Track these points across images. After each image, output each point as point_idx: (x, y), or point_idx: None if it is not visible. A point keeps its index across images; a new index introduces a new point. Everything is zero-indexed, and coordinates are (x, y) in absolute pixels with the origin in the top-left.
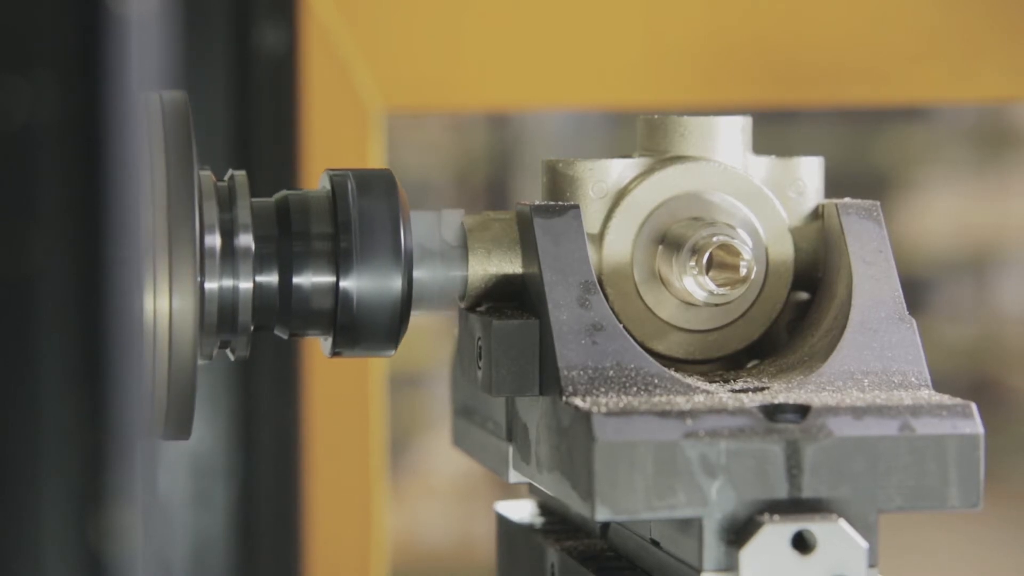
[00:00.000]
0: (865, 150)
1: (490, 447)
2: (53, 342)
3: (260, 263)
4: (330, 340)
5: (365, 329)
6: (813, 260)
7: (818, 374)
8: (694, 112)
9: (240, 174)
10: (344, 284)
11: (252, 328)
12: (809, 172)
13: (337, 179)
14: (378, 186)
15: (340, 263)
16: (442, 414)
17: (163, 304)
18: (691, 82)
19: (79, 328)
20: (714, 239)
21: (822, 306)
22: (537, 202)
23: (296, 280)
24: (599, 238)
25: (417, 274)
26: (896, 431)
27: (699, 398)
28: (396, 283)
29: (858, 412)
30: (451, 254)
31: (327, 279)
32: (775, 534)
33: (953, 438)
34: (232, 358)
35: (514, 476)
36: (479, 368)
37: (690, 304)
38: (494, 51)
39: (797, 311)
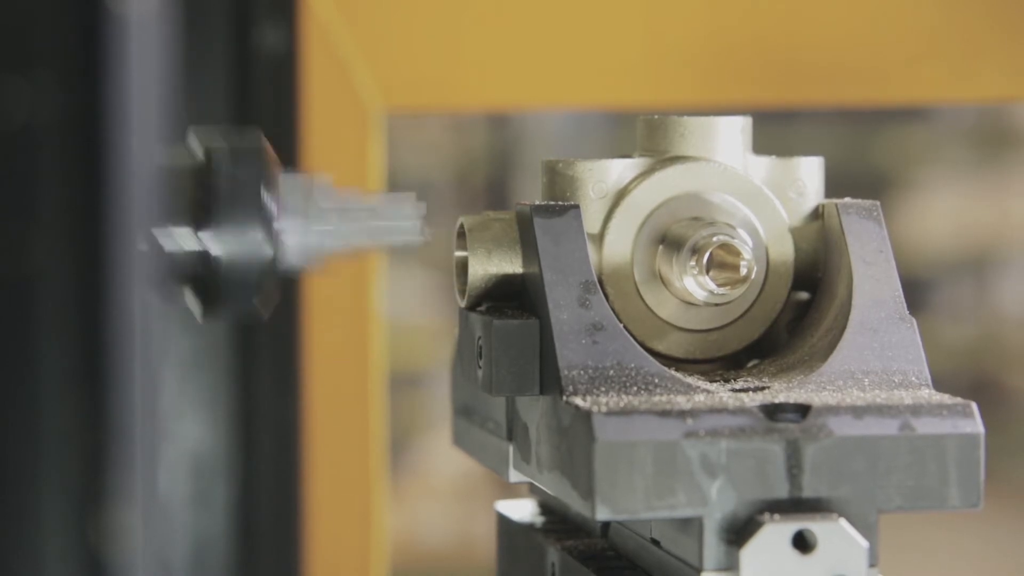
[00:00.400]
0: (865, 150)
1: (490, 447)
2: (53, 342)
3: None
4: (198, 301)
5: (231, 289)
6: (813, 260)
7: (818, 374)
8: (694, 112)
9: None
10: (208, 243)
11: None
12: (809, 172)
13: (206, 141)
14: (246, 147)
15: (204, 223)
16: (442, 414)
17: None
18: (691, 82)
19: (79, 328)
20: (714, 239)
21: (822, 306)
22: (537, 202)
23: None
24: (599, 238)
25: (284, 234)
26: (896, 431)
27: (699, 398)
28: (260, 240)
29: (858, 412)
30: (319, 215)
31: (191, 238)
32: (775, 534)
33: (953, 438)
34: None
35: (514, 476)
36: (479, 368)
37: (690, 304)
38: (494, 51)
39: (797, 311)
